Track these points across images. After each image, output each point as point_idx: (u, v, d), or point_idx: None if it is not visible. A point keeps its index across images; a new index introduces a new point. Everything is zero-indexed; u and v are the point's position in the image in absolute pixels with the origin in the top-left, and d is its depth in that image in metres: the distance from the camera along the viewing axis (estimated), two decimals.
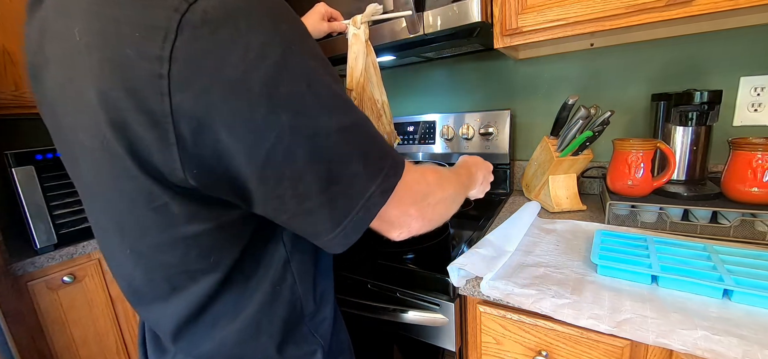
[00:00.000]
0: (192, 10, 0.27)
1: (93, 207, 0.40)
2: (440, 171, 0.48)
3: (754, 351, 0.45)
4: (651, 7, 0.71)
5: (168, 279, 0.38)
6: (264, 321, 0.42)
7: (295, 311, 0.45)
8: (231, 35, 0.27)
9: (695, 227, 0.78)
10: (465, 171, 0.61)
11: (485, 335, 0.69)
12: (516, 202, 1.11)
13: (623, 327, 0.51)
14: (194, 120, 0.28)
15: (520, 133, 1.27)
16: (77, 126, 0.33)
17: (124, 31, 0.27)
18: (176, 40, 0.26)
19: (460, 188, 0.54)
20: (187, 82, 0.27)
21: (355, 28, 0.71)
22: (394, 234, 0.41)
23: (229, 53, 0.27)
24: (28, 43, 0.38)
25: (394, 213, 0.39)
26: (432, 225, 0.44)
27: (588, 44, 1.06)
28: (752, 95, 0.91)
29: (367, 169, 0.34)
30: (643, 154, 0.83)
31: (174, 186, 0.32)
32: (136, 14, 0.27)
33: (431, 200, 0.43)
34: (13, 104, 1.11)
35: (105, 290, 1.19)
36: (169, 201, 0.33)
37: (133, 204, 0.34)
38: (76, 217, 1.15)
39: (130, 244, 0.38)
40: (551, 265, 0.69)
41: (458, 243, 0.87)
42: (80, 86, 0.30)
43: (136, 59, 0.27)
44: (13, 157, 1.03)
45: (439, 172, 0.47)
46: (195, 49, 0.27)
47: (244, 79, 0.28)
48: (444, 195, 0.45)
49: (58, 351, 1.11)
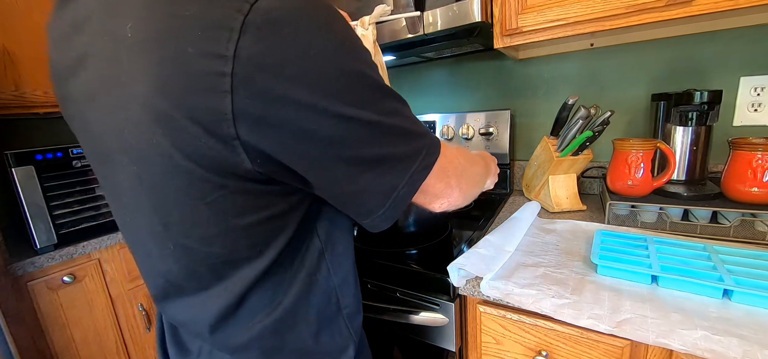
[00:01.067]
0: (254, 9, 0.28)
1: (128, 204, 0.40)
2: (468, 152, 0.52)
3: (754, 351, 0.45)
4: (651, 7, 0.71)
5: (213, 269, 0.39)
6: (301, 310, 0.43)
7: (330, 303, 0.46)
8: (292, 34, 0.29)
9: (695, 227, 0.78)
10: (481, 159, 0.63)
11: (485, 335, 0.69)
12: (516, 202, 1.11)
13: (623, 327, 0.51)
14: (256, 117, 0.29)
15: (520, 133, 1.27)
16: (121, 124, 0.33)
17: (185, 30, 0.28)
18: (240, 40, 0.27)
19: (485, 170, 0.59)
20: (250, 80, 0.28)
21: (363, 30, 0.71)
22: (436, 205, 0.45)
23: (291, 51, 0.29)
24: (56, 39, 0.38)
25: (438, 186, 0.42)
26: (467, 199, 0.49)
27: (588, 44, 1.06)
28: (752, 95, 0.91)
29: (410, 147, 0.37)
30: (643, 154, 0.83)
31: (234, 178, 0.33)
32: (199, 13, 0.28)
33: (466, 175, 0.47)
34: (13, 104, 1.11)
35: (105, 290, 1.19)
36: (224, 195, 0.34)
37: (184, 200, 0.35)
38: (76, 217, 1.15)
39: (176, 239, 0.38)
40: (551, 265, 0.69)
41: (458, 243, 0.87)
42: (129, 83, 0.30)
43: (197, 58, 0.28)
44: (13, 157, 1.03)
45: (467, 152, 0.52)
46: (258, 48, 0.28)
47: (304, 75, 0.29)
48: (475, 171, 0.50)
49: (58, 351, 1.11)
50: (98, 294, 1.18)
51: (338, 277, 0.47)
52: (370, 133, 0.34)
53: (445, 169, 0.42)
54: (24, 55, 1.11)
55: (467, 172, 0.48)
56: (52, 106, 1.18)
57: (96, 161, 0.41)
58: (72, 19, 0.35)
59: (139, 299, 1.28)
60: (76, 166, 1.16)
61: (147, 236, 0.40)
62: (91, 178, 1.19)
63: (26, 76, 1.12)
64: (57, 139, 1.44)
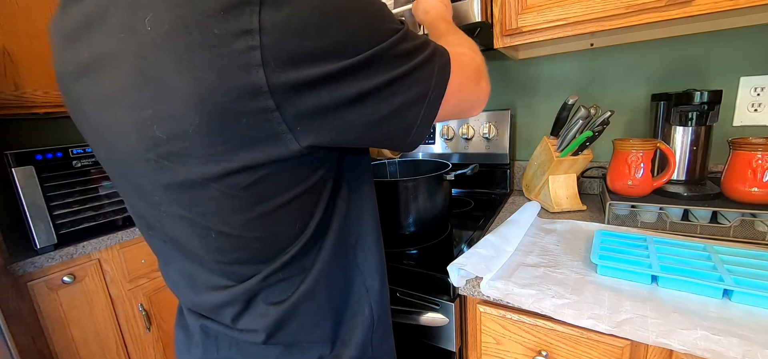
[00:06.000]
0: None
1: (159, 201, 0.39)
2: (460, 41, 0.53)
3: (754, 351, 0.45)
4: (651, 7, 0.71)
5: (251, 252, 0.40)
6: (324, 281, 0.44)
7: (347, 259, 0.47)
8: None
9: (695, 227, 0.78)
10: (447, 25, 0.63)
11: (485, 335, 0.69)
12: (516, 202, 1.11)
13: (623, 327, 0.51)
14: (290, 83, 0.30)
15: (520, 133, 1.27)
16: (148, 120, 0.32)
17: (208, 13, 0.28)
18: (262, 11, 0.28)
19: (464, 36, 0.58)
20: (279, 49, 0.29)
21: None
22: (474, 108, 0.47)
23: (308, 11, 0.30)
24: (63, 40, 0.37)
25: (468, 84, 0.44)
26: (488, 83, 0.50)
27: (588, 44, 1.06)
28: (752, 95, 0.91)
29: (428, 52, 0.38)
30: (643, 154, 0.83)
31: (274, 155, 0.33)
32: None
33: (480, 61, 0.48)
34: (13, 104, 1.10)
35: (105, 290, 1.19)
36: (267, 175, 0.35)
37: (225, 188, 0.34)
38: (76, 217, 1.15)
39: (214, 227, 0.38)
40: (551, 265, 0.69)
41: (458, 243, 0.87)
42: (158, 77, 0.30)
43: (224, 38, 0.28)
44: (13, 157, 1.03)
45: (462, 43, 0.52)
46: (281, 16, 0.29)
47: (328, 29, 0.30)
48: (476, 53, 0.50)
49: (58, 351, 1.11)
50: (98, 294, 1.18)
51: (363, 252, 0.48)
52: (397, 57, 0.35)
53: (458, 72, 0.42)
54: (24, 55, 1.10)
55: (478, 57, 0.49)
56: (51, 106, 1.18)
57: (112, 162, 0.40)
58: (81, 18, 0.35)
59: (139, 299, 1.28)
60: (76, 166, 1.16)
61: (182, 229, 0.40)
62: (91, 178, 1.19)
63: (26, 76, 1.12)
64: (57, 139, 1.44)
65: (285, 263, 0.41)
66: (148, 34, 0.30)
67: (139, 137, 0.34)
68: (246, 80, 0.29)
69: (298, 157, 0.35)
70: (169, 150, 0.33)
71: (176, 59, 0.29)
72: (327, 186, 0.42)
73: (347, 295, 0.48)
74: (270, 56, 0.29)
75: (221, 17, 0.28)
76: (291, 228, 0.40)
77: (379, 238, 0.52)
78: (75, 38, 0.35)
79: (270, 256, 0.41)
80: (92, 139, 0.41)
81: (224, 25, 0.28)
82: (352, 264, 0.48)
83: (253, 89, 0.29)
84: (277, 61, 0.29)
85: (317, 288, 0.44)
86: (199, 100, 0.30)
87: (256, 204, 0.37)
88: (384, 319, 0.53)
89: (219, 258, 0.41)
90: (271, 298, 0.43)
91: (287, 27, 0.29)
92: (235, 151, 0.32)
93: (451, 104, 0.42)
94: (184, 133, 0.31)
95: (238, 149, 0.32)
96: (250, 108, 0.30)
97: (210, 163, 0.33)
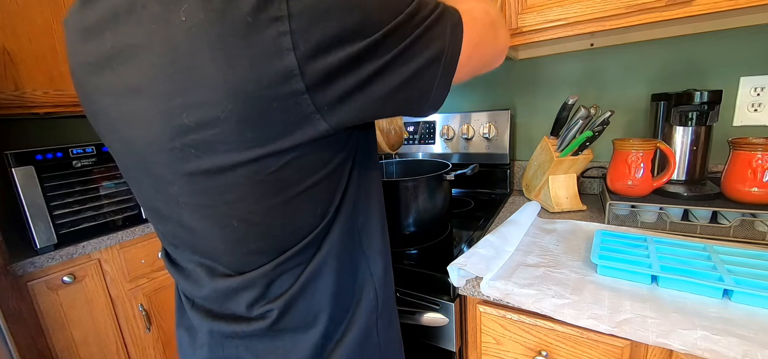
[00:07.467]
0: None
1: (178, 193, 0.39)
2: None
3: (754, 351, 0.45)
4: (651, 7, 0.71)
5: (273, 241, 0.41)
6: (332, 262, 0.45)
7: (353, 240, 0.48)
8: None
9: (695, 227, 0.78)
10: None
11: (485, 335, 0.69)
12: (516, 202, 1.11)
13: (623, 327, 0.51)
14: (319, 65, 0.31)
15: (520, 133, 1.27)
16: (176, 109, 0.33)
17: (240, 3, 0.29)
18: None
19: None
20: (307, 32, 0.30)
21: None
22: (495, 61, 0.47)
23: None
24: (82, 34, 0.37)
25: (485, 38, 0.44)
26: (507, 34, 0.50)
27: (588, 44, 1.06)
28: (752, 95, 0.91)
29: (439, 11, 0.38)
30: (643, 154, 0.83)
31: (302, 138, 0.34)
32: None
33: (495, 13, 0.47)
34: (13, 104, 1.10)
35: (105, 290, 1.19)
36: (293, 159, 0.36)
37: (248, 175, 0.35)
38: (76, 217, 1.15)
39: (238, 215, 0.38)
40: (551, 265, 0.69)
41: (458, 243, 0.87)
42: (191, 66, 0.31)
43: (257, 26, 0.29)
44: (13, 157, 1.03)
45: None
46: (306, 2, 0.30)
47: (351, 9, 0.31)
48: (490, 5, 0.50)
49: (58, 351, 1.11)
50: (98, 294, 1.18)
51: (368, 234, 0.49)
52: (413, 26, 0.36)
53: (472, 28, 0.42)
54: (24, 55, 1.10)
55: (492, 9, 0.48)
56: (51, 106, 1.18)
57: (128, 154, 0.41)
58: (106, 12, 0.35)
59: (139, 299, 1.28)
60: (76, 165, 1.16)
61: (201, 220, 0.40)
62: (91, 178, 1.19)
63: (26, 76, 1.12)
64: (57, 139, 1.44)
65: (302, 248, 0.42)
66: (182, 24, 0.31)
67: (164, 126, 0.34)
68: (278, 65, 0.30)
69: (325, 137, 0.36)
70: (197, 138, 0.34)
71: (210, 47, 0.30)
72: (345, 169, 0.43)
73: (353, 279, 0.48)
74: (300, 40, 0.30)
75: (254, 7, 0.29)
76: (312, 214, 0.41)
77: (383, 223, 0.52)
78: (98, 31, 0.36)
79: (292, 243, 0.41)
80: (107, 131, 0.41)
81: (256, 14, 0.29)
82: (358, 248, 0.48)
83: (285, 73, 0.30)
84: (306, 44, 0.30)
85: (326, 269, 0.44)
86: (231, 88, 0.31)
87: (282, 190, 0.37)
88: (388, 305, 0.53)
89: (239, 248, 0.41)
90: (285, 282, 0.43)
91: (314, 11, 0.30)
92: (265, 135, 0.33)
93: (472, 61, 0.42)
94: (216, 119, 0.32)
95: (268, 133, 0.33)
96: (280, 92, 0.31)
97: (240, 150, 0.34)
